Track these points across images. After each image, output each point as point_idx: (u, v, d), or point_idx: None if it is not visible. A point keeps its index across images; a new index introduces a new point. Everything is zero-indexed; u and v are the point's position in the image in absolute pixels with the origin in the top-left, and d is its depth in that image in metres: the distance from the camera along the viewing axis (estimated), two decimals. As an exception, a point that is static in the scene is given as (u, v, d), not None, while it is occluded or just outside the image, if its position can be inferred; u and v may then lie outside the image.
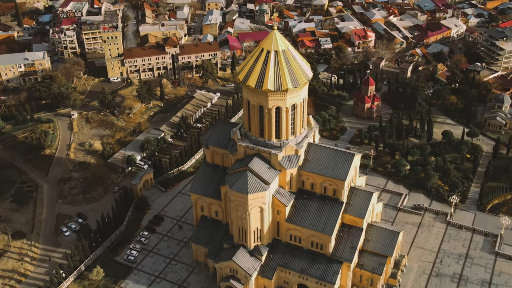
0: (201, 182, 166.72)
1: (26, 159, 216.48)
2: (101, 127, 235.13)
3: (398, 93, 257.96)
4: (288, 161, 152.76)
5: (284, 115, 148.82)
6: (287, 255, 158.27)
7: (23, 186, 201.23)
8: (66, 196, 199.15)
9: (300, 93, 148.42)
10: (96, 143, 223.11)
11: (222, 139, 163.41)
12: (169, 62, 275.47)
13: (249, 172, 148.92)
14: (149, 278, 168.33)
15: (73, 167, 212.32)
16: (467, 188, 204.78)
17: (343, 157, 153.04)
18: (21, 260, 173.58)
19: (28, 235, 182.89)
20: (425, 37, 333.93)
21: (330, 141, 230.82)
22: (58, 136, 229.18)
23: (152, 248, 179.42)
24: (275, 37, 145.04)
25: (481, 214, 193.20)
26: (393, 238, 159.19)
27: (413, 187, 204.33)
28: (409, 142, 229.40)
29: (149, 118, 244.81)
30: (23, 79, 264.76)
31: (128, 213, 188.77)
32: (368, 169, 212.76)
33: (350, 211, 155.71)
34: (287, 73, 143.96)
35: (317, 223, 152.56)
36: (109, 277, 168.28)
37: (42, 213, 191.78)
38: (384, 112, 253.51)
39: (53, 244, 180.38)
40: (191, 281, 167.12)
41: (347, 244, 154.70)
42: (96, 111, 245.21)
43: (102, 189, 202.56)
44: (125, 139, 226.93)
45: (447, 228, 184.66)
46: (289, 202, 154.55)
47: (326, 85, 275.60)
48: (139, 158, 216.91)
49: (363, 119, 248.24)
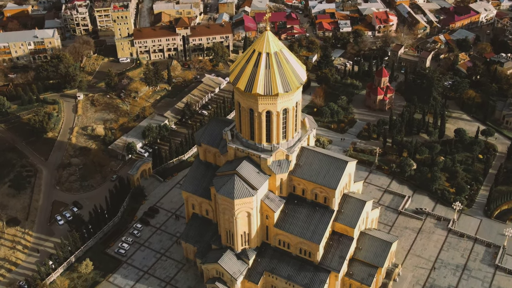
0: (192, 180, 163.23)
1: (28, 141, 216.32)
2: (106, 110, 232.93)
3: (414, 84, 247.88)
4: (278, 166, 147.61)
5: (274, 120, 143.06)
6: (275, 260, 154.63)
7: (23, 171, 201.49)
8: (64, 182, 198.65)
9: (292, 97, 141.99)
10: (98, 128, 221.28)
11: (214, 138, 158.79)
12: (180, 44, 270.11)
13: (236, 176, 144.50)
14: (137, 274, 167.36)
15: (74, 152, 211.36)
16: (475, 192, 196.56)
17: (336, 165, 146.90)
18: (13, 248, 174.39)
19: (22, 222, 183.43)
20: (451, 22, 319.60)
21: (337, 134, 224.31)
22: (62, 119, 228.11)
23: (144, 241, 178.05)
24: (267, 38, 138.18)
25: (487, 221, 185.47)
26: (385, 249, 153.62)
27: (418, 188, 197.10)
28: (420, 139, 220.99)
29: (155, 102, 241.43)
30: (32, 57, 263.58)
31: (123, 203, 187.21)
32: (373, 166, 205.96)
33: (341, 220, 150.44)
34: (278, 77, 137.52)
35: (306, 230, 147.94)
36: (99, 270, 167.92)
37: (39, 200, 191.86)
38: (398, 104, 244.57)
39: (46, 233, 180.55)
40: (179, 279, 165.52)
41: (336, 253, 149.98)
42: (102, 93, 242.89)
43: (100, 176, 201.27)
44: (128, 124, 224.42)
45: (448, 236, 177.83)
46: (278, 207, 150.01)
47: (340, 72, 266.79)
48: (140, 145, 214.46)
49: (374, 111, 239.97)
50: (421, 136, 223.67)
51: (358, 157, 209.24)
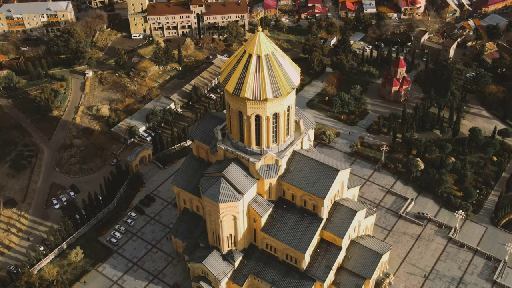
0: (184, 175, 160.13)
1: (33, 119, 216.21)
2: (113, 89, 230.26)
3: (433, 75, 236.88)
4: (266, 170, 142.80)
5: (264, 124, 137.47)
6: (261, 263, 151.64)
7: (25, 150, 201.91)
8: (63, 164, 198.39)
9: (283, 102, 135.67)
10: (103, 108, 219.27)
11: (207, 135, 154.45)
12: (194, 22, 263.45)
13: (223, 179, 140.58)
14: (126, 265, 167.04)
15: (77, 132, 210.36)
16: (484, 197, 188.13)
17: (327, 173, 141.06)
18: (8, 231, 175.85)
19: (19, 204, 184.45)
20: (484, 5, 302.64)
21: (346, 127, 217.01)
22: (69, 97, 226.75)
23: (137, 231, 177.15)
24: (259, 40, 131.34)
25: (492, 229, 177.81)
26: (374, 260, 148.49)
27: (423, 191, 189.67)
28: (433, 135, 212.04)
29: (163, 82, 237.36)
30: (46, 29, 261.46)
31: (120, 190, 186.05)
32: (379, 164, 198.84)
33: (329, 229, 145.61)
34: (268, 81, 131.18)
35: (292, 238, 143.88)
36: (89, 258, 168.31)
37: (38, 181, 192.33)
38: (414, 96, 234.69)
39: (41, 217, 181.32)
40: (167, 273, 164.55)
41: (323, 262, 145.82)
42: (111, 71, 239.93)
43: (100, 160, 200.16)
44: (133, 106, 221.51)
45: (447, 245, 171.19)
46: (265, 212, 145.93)
47: (358, 58, 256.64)
48: (143, 129, 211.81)
49: (389, 103, 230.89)
50: (434, 132, 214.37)
51: (365, 152, 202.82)
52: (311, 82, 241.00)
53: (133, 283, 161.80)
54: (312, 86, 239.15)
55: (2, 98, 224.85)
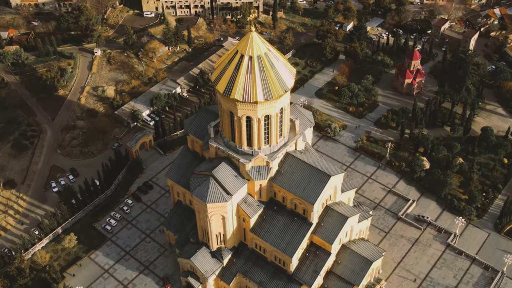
0: (178, 168, 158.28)
1: (39, 98, 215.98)
2: (120, 70, 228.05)
3: (450, 68, 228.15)
4: (257, 172, 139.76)
5: (255, 125, 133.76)
6: (250, 263, 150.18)
7: (28, 130, 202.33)
8: (65, 146, 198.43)
9: (275, 104, 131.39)
10: (109, 89, 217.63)
11: (201, 129, 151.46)
12: (207, 1, 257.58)
13: (212, 179, 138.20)
14: (119, 253, 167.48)
15: (81, 114, 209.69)
16: (490, 201, 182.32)
17: (318, 178, 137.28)
18: (5, 212, 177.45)
19: (18, 185, 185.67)
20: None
21: (354, 119, 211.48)
22: (76, 76, 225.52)
23: (132, 219, 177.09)
24: (251, 40, 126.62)
25: (495, 236, 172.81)
26: (364, 267, 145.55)
27: (426, 191, 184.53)
28: (443, 132, 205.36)
29: (172, 64, 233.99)
30: (58, 4, 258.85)
31: (118, 176, 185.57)
32: (383, 161, 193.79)
33: (319, 233, 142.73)
34: (259, 83, 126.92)
35: (281, 241, 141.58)
36: (83, 245, 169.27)
37: (38, 163, 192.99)
38: (428, 89, 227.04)
39: (40, 199, 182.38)
40: (158, 264, 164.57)
41: (311, 266, 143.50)
42: (120, 50, 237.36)
43: (102, 144, 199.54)
44: (139, 89, 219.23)
45: (445, 252, 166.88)
46: (255, 213, 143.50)
47: (373, 45, 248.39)
48: (147, 113, 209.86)
49: (401, 95, 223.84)
50: (444, 129, 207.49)
51: (370, 148, 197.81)
52: (323, 70, 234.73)
53: (124, 273, 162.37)
54: (323, 74, 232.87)
55: (10, 74, 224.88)
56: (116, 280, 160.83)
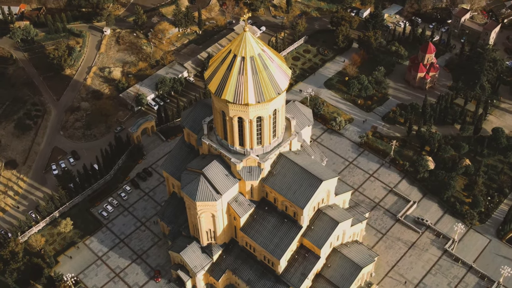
0: (173, 160, 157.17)
1: (46, 76, 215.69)
2: (128, 51, 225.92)
3: (466, 62, 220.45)
4: (248, 172, 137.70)
5: (247, 126, 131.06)
6: (240, 260, 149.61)
7: (32, 109, 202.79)
8: (68, 128, 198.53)
9: (268, 106, 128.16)
10: (116, 71, 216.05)
11: (197, 124, 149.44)
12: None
13: (202, 177, 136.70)
14: (113, 241, 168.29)
15: (86, 95, 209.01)
16: (495, 205, 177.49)
17: (309, 181, 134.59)
18: (5, 193, 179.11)
19: (20, 166, 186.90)
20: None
21: (361, 112, 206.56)
22: (84, 55, 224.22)
23: (129, 206, 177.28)
24: (245, 41, 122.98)
25: (496, 243, 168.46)
26: (354, 272, 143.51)
27: (428, 193, 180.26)
28: (453, 130, 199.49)
29: (181, 47, 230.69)
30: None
31: (118, 161, 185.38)
32: (387, 158, 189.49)
33: (309, 237, 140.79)
34: (251, 85, 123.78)
35: (269, 242, 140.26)
36: (78, 230, 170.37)
37: (41, 144, 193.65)
38: (442, 83, 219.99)
39: (39, 181, 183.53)
40: (151, 254, 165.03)
41: (299, 269, 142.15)
42: (130, 30, 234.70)
43: (104, 127, 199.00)
44: (146, 71, 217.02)
45: (441, 258, 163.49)
46: (245, 212, 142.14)
47: (389, 34, 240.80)
48: (152, 97, 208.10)
49: (413, 89, 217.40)
50: (455, 127, 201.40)
51: (375, 144, 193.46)
52: (334, 58, 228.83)
53: (116, 261, 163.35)
54: (334, 63, 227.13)
55: (18, 51, 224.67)
56: (108, 267, 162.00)
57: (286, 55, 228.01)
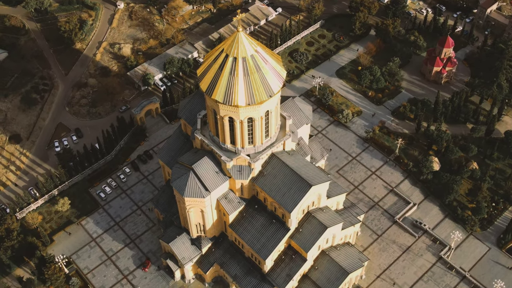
0: (169, 149, 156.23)
1: (56, 49, 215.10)
2: (140, 27, 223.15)
3: (486, 57, 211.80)
4: (238, 171, 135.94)
5: (238, 126, 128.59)
6: (228, 255, 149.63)
7: (40, 83, 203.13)
8: (74, 104, 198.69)
9: (259, 108, 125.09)
10: (126, 48, 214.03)
11: (193, 115, 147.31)
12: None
13: (192, 173, 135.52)
14: (108, 223, 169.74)
15: (94, 71, 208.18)
16: (499, 212, 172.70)
17: (299, 185, 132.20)
18: (7, 167, 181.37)
19: (23, 141, 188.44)
20: None
21: (371, 105, 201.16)
22: (95, 29, 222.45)
23: (127, 188, 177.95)
24: (237, 41, 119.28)
25: (495, 252, 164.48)
26: (340, 277, 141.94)
27: (431, 195, 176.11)
28: (464, 130, 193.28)
29: (193, 25, 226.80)
30: None
31: (120, 142, 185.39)
32: (392, 156, 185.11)
33: (296, 239, 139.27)
34: (241, 87, 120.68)
35: (257, 241, 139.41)
36: (75, 210, 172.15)
37: (46, 119, 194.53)
38: (459, 78, 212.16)
39: (42, 158, 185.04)
40: (144, 239, 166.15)
41: (285, 269, 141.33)
42: (143, 5, 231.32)
43: (110, 105, 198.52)
44: (155, 50, 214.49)
45: (435, 265, 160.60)
46: (234, 210, 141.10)
47: (409, 22, 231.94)
48: (159, 77, 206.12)
49: (428, 82, 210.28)
50: (466, 126, 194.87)
51: (380, 140, 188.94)
52: (349, 45, 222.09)
53: (110, 244, 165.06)
54: (349, 50, 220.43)
55: (31, 21, 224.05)
56: (101, 250, 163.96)
57: (300, 40, 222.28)
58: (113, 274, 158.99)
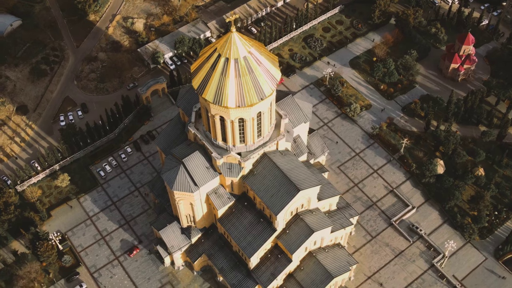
0: (166, 136, 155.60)
1: (69, 20, 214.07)
2: (155, 1, 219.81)
3: (508, 56, 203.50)
4: (228, 169, 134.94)
5: (229, 125, 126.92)
6: (217, 247, 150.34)
7: (51, 54, 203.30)
8: (82, 78, 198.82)
9: (250, 110, 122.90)
10: (138, 23, 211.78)
11: (191, 106, 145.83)
12: None
13: (182, 167, 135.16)
14: (105, 202, 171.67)
15: (106, 45, 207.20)
16: (500, 222, 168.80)
17: (287, 189, 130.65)
18: (12, 139, 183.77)
19: (30, 112, 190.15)
20: None
21: (382, 99, 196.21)
22: (110, 1, 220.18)
23: (127, 168, 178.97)
24: (230, 42, 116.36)
25: (491, 262, 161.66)
26: (325, 280, 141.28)
27: (431, 199, 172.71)
28: (475, 132, 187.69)
29: (209, 3, 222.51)
30: None
31: (125, 120, 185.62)
32: (397, 155, 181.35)
33: (283, 240, 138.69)
34: (232, 88, 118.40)
35: (243, 238, 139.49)
36: (75, 186, 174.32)
37: (53, 92, 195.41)
38: (478, 76, 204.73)
39: (46, 131, 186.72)
40: (139, 221, 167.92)
41: (270, 268, 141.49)
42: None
43: (118, 82, 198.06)
44: (168, 27, 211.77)
45: (426, 272, 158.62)
46: (223, 205, 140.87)
47: (432, 12, 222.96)
48: (170, 55, 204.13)
49: (445, 79, 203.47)
50: (478, 128, 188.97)
51: (386, 137, 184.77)
52: (367, 34, 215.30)
53: (105, 224, 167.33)
54: (366, 39, 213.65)
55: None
56: (96, 229, 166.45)
57: (316, 25, 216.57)
58: (105, 255, 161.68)
